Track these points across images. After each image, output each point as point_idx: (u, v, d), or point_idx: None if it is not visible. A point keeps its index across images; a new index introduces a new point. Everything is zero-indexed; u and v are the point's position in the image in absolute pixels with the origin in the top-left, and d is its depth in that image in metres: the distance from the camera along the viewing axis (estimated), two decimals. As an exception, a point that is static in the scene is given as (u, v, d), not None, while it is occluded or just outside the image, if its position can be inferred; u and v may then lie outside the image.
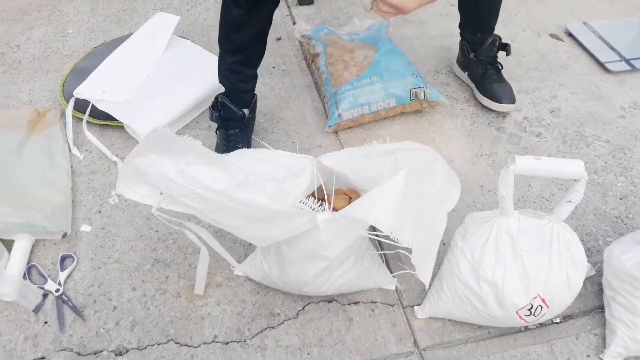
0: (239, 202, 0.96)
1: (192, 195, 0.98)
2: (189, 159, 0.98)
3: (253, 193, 0.96)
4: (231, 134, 1.51)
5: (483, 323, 1.15)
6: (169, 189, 0.99)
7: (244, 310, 1.21)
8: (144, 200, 1.03)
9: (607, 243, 1.33)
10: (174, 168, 0.97)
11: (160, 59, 1.81)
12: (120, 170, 1.04)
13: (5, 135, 1.53)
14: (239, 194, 0.96)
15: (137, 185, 1.03)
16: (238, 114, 1.50)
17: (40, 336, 1.17)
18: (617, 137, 1.65)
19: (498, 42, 1.70)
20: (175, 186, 0.97)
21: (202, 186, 0.96)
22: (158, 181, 0.99)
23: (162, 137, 1.03)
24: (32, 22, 2.15)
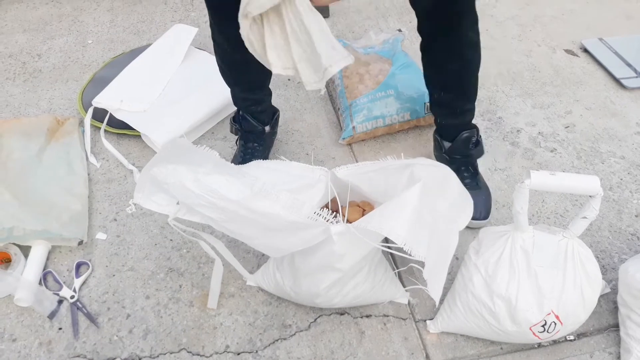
0: (254, 212, 0.97)
1: (209, 204, 0.99)
2: (206, 168, 0.99)
3: (268, 203, 0.97)
4: (249, 147, 1.51)
5: (496, 339, 1.14)
6: (186, 198, 1.01)
7: (256, 321, 1.21)
8: (160, 210, 1.05)
9: (622, 260, 1.32)
10: (191, 177, 0.98)
11: (178, 69, 1.83)
12: (137, 179, 1.06)
13: (26, 142, 1.56)
14: (254, 204, 0.97)
15: (154, 195, 1.05)
16: (258, 128, 1.49)
17: (54, 342, 1.18)
18: (633, 154, 1.64)
19: (475, 139, 1.42)
20: (192, 195, 0.98)
21: (219, 196, 0.97)
22: (175, 190, 1.01)
23: (179, 147, 1.05)
24: (53, 32, 2.20)
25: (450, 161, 1.45)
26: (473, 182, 1.43)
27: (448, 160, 1.45)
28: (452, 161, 1.45)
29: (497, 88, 1.89)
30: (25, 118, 1.73)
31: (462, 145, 1.42)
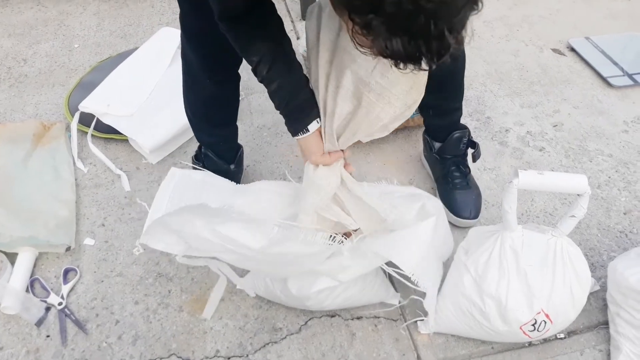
0: (274, 256, 0.99)
1: (226, 250, 1.00)
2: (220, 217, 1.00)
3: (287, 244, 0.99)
4: None
5: (487, 338, 1.14)
6: (203, 246, 1.01)
7: (246, 325, 1.21)
8: (169, 250, 1.04)
9: (611, 258, 1.32)
10: (208, 227, 0.98)
11: (165, 73, 1.82)
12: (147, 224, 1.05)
13: (11, 148, 1.55)
14: (274, 250, 0.98)
15: (164, 236, 1.04)
16: (223, 167, 1.41)
17: (42, 350, 1.16)
18: (621, 152, 1.65)
19: (467, 139, 1.43)
20: (209, 244, 0.99)
21: (238, 245, 0.98)
22: (190, 239, 1.01)
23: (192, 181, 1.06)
24: (39, 36, 2.18)
25: (440, 161, 1.45)
26: (464, 182, 1.43)
27: (439, 160, 1.46)
28: (442, 161, 1.45)
29: (486, 88, 1.90)
30: (11, 123, 1.71)
31: (454, 145, 1.42)
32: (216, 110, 1.32)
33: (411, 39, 0.63)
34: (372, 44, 0.66)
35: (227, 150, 1.42)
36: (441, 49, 0.65)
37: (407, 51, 0.64)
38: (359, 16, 0.64)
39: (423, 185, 1.53)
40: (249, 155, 1.58)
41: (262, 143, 1.67)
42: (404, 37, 0.63)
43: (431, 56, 0.66)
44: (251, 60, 1.00)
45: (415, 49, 0.64)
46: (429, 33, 0.62)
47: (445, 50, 0.65)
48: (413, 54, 0.65)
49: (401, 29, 0.62)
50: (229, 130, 1.41)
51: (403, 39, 0.63)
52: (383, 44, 0.65)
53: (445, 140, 1.42)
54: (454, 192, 1.42)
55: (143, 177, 1.56)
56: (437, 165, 1.47)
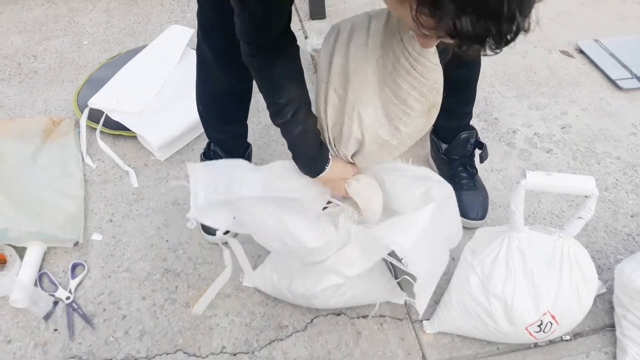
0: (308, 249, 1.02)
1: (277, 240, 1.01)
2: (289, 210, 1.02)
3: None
4: None
5: (492, 339, 1.14)
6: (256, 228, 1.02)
7: (252, 322, 1.21)
8: (216, 225, 1.02)
9: (617, 260, 1.32)
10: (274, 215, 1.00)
11: (174, 70, 1.83)
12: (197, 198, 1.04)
13: (21, 143, 1.56)
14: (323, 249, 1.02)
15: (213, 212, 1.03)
16: None
17: (50, 343, 1.17)
18: (629, 154, 1.64)
19: (474, 140, 1.42)
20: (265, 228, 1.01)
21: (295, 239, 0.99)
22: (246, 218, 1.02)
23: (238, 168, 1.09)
24: (49, 33, 2.19)
25: (448, 161, 1.45)
26: (471, 183, 1.43)
27: (446, 160, 1.46)
28: (450, 161, 1.45)
29: (493, 89, 1.90)
30: (21, 119, 1.72)
31: (461, 146, 1.42)
32: (228, 106, 1.33)
33: (481, 18, 0.61)
34: (437, 24, 0.63)
35: (236, 148, 1.42)
36: (510, 32, 0.63)
37: (475, 31, 0.62)
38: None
39: (430, 185, 1.53)
40: (256, 154, 1.59)
41: (270, 141, 1.67)
42: (473, 15, 0.60)
43: (500, 38, 0.64)
44: (276, 102, 0.99)
45: (485, 29, 0.62)
46: (500, 13, 0.60)
47: (515, 33, 0.64)
48: (481, 34, 0.63)
49: (472, 7, 0.60)
50: (240, 127, 1.41)
51: (472, 17, 0.61)
52: (451, 22, 0.62)
53: (453, 141, 1.42)
54: (461, 193, 1.40)
55: (151, 173, 1.57)
56: (444, 165, 1.47)
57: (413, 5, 0.64)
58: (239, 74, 1.24)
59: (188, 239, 1.38)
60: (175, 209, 1.46)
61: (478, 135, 1.43)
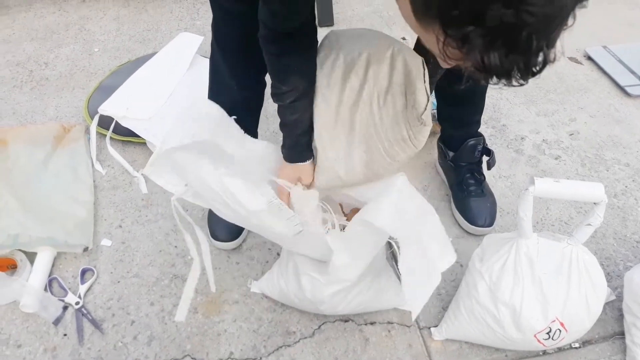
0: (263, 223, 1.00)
1: (223, 203, 1.00)
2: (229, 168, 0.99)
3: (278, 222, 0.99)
4: None
5: (500, 346, 1.13)
6: (201, 189, 1.01)
7: (260, 328, 1.21)
8: (168, 188, 1.04)
9: (627, 268, 1.31)
10: (214, 174, 0.97)
11: (183, 77, 1.85)
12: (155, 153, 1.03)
13: (32, 149, 1.57)
14: (266, 218, 0.99)
15: (166, 173, 1.04)
16: None
17: (59, 348, 1.18)
18: (638, 161, 1.64)
19: (481, 146, 1.42)
20: (208, 189, 0.99)
21: (235, 200, 0.97)
22: (191, 179, 1.01)
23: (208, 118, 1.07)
24: (60, 40, 2.22)
25: (455, 169, 1.45)
26: (478, 189, 1.43)
27: (453, 167, 1.46)
28: (457, 168, 1.45)
29: (501, 95, 1.90)
30: (32, 125, 1.75)
31: (468, 152, 1.42)
32: (240, 116, 1.34)
33: (509, 53, 0.60)
34: (464, 57, 0.63)
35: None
36: (537, 64, 0.63)
37: (504, 66, 0.62)
38: (456, 27, 0.60)
39: (437, 191, 1.53)
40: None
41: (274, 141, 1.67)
42: (502, 50, 0.60)
43: (527, 71, 0.63)
44: (279, 87, 1.01)
45: (513, 64, 0.62)
46: (529, 48, 0.60)
47: (542, 65, 0.63)
48: (510, 68, 0.62)
49: (501, 42, 0.59)
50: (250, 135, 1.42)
51: (501, 52, 0.60)
52: (479, 57, 0.61)
53: (460, 148, 1.42)
54: (469, 200, 1.41)
55: (160, 179, 1.58)
56: (452, 172, 1.47)
57: (440, 37, 0.63)
58: (252, 84, 1.26)
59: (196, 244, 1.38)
60: (183, 214, 1.47)
61: (485, 142, 1.43)
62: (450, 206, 1.47)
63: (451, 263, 1.06)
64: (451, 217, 1.45)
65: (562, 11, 0.59)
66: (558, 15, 0.59)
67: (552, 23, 0.60)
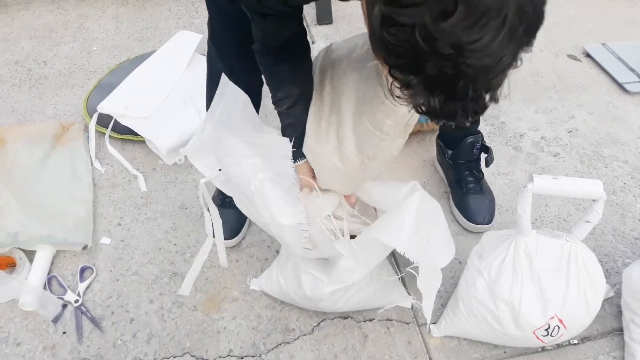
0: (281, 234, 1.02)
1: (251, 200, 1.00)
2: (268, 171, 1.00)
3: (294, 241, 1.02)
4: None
5: (499, 343, 1.14)
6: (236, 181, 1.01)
7: (259, 325, 1.22)
8: (202, 170, 1.04)
9: (625, 264, 1.32)
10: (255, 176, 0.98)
11: (182, 76, 1.84)
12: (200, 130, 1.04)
13: (31, 147, 1.57)
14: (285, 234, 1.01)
15: (205, 155, 1.04)
16: None
17: (58, 346, 1.18)
18: (636, 158, 1.64)
19: (480, 144, 1.43)
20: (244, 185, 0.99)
21: (266, 207, 0.99)
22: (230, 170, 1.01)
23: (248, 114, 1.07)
24: (59, 39, 2.22)
25: (454, 166, 1.45)
26: (477, 187, 1.43)
27: (452, 165, 1.46)
28: (456, 166, 1.45)
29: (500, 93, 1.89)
30: (31, 124, 1.74)
31: (467, 150, 1.42)
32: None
33: (448, 100, 0.64)
34: (409, 99, 0.68)
35: None
36: (477, 109, 0.66)
37: (443, 110, 0.66)
38: (400, 75, 0.64)
39: (437, 189, 1.53)
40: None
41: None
42: (441, 97, 0.64)
43: (466, 115, 0.67)
44: (275, 94, 1.03)
45: (452, 109, 0.66)
46: (466, 96, 0.63)
47: (481, 109, 0.67)
48: (449, 112, 0.66)
49: (440, 90, 0.63)
50: None
51: (440, 98, 0.64)
52: (420, 101, 0.66)
53: (458, 146, 1.43)
54: (468, 197, 1.42)
55: (159, 177, 1.58)
56: (451, 170, 1.48)
57: (388, 79, 0.67)
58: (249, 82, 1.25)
59: (195, 242, 1.39)
60: (183, 212, 1.47)
61: (484, 140, 1.43)
62: (449, 203, 1.47)
63: (450, 259, 1.08)
64: (450, 215, 1.45)
65: (501, 61, 0.61)
66: (496, 65, 0.61)
67: (490, 72, 0.62)
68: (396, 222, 0.97)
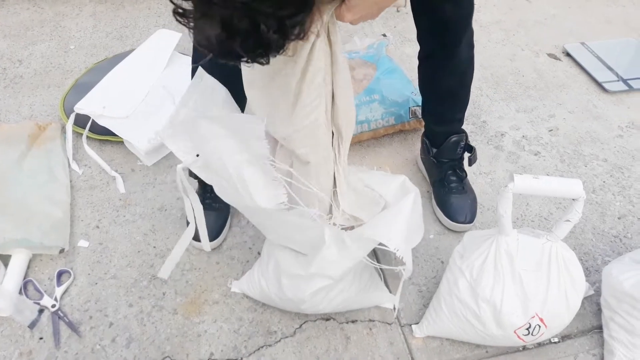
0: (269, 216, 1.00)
1: (231, 185, 0.98)
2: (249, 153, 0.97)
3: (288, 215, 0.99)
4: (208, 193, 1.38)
5: (481, 342, 1.14)
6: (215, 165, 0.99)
7: (240, 328, 1.20)
8: (179, 155, 1.01)
9: (605, 262, 1.33)
10: (235, 158, 0.96)
11: (161, 75, 1.82)
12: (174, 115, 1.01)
13: (6, 148, 1.54)
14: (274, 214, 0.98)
15: (181, 139, 1.01)
16: None
17: (35, 352, 1.16)
18: (615, 157, 1.65)
19: (464, 143, 1.43)
20: (223, 169, 0.97)
21: (247, 191, 0.96)
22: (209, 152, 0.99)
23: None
24: (35, 37, 2.17)
25: (437, 164, 1.46)
26: (459, 186, 1.43)
27: (435, 163, 1.46)
28: (439, 164, 1.45)
29: (481, 92, 1.90)
30: (5, 124, 1.70)
31: (450, 149, 1.43)
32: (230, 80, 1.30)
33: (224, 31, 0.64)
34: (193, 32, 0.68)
35: None
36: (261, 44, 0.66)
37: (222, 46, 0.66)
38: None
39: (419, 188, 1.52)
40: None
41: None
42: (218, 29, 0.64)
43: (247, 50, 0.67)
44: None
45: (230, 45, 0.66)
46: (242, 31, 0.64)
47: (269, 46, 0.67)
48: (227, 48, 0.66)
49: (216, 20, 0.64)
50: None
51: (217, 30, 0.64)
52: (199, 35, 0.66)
53: (442, 145, 1.43)
54: (450, 197, 1.42)
55: (138, 179, 1.55)
56: (434, 169, 1.48)
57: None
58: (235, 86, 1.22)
59: (175, 244, 1.37)
60: (162, 214, 1.45)
61: (468, 139, 1.44)
62: (431, 203, 1.48)
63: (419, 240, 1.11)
64: (432, 214, 1.45)
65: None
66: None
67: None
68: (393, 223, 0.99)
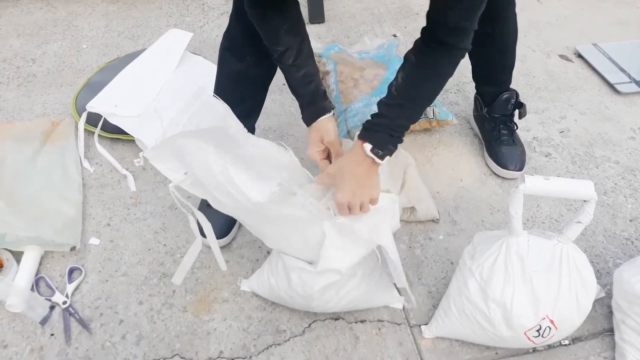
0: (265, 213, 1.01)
1: (226, 193, 0.99)
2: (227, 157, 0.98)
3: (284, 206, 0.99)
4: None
5: (491, 344, 1.13)
6: (204, 177, 1.00)
7: (250, 327, 1.21)
8: (167, 174, 1.02)
9: (616, 265, 1.32)
10: (220, 164, 0.97)
11: (172, 74, 1.83)
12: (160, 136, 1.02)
13: (20, 146, 1.56)
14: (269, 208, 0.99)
15: (167, 159, 1.02)
16: None
17: (46, 348, 1.17)
18: (627, 159, 1.64)
19: (514, 100, 1.57)
20: (212, 178, 0.98)
21: (239, 191, 0.97)
22: (196, 166, 0.99)
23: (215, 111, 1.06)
24: (48, 36, 2.19)
25: (489, 119, 1.60)
26: (510, 139, 1.58)
27: (488, 118, 1.60)
28: (491, 119, 1.60)
29: (492, 93, 1.89)
30: (19, 122, 1.72)
31: (502, 105, 1.57)
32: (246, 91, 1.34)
33: None
34: None
35: None
36: None
37: None
38: None
39: (430, 188, 1.52)
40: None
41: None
42: None
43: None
44: (276, 49, 1.07)
45: None
46: None
47: None
48: None
49: None
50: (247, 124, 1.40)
51: None
52: None
53: (495, 102, 1.57)
54: (501, 147, 1.57)
55: (149, 177, 1.56)
56: (486, 123, 1.62)
57: None
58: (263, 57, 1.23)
59: (185, 243, 1.38)
60: (172, 213, 1.45)
61: (519, 96, 1.57)
62: (483, 154, 1.63)
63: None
64: (484, 167, 1.61)
65: None
66: None
67: None
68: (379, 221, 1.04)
